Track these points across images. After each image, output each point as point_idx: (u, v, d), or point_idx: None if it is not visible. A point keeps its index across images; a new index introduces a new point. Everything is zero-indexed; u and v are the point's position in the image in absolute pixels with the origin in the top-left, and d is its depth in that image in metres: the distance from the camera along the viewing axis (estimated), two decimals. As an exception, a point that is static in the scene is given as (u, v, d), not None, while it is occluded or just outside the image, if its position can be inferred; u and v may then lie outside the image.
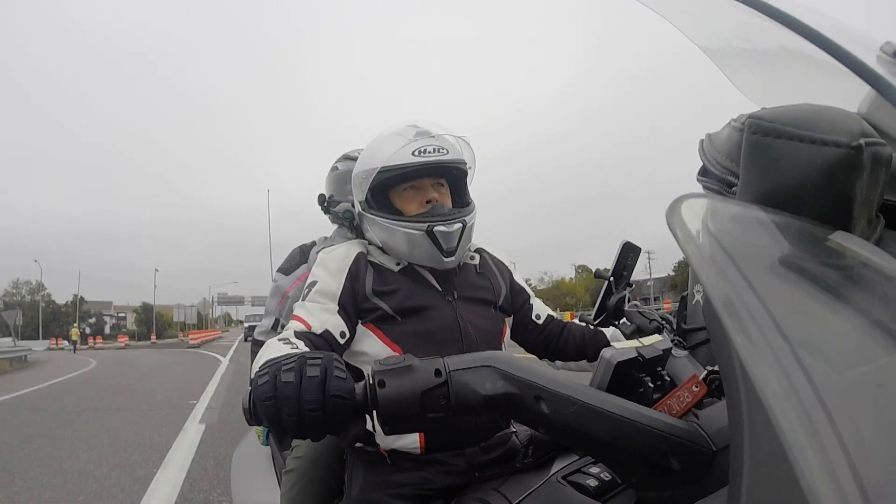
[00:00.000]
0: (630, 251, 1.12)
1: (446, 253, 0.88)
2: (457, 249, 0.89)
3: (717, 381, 0.49)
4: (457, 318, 0.88)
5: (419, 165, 0.88)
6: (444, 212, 0.91)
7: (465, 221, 0.90)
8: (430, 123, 0.93)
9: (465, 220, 0.90)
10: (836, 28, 0.40)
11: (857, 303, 0.31)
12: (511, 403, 0.47)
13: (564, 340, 1.02)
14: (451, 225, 0.88)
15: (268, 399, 0.49)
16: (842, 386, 0.26)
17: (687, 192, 0.33)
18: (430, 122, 0.94)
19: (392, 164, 0.88)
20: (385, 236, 0.91)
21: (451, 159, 0.90)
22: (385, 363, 0.48)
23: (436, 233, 0.87)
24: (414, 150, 0.88)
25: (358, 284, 0.88)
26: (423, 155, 0.88)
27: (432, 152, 0.88)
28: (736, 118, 0.51)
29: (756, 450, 0.30)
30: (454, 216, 0.90)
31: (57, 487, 3.13)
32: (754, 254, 0.35)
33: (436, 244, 0.87)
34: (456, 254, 0.89)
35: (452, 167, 0.92)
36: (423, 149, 0.88)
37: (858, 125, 0.38)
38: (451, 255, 0.89)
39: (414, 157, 0.88)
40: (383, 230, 0.91)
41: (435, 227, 0.87)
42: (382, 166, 0.88)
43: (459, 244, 0.89)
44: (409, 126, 0.92)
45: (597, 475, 0.66)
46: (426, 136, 0.90)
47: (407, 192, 0.92)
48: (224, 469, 3.21)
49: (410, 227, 0.88)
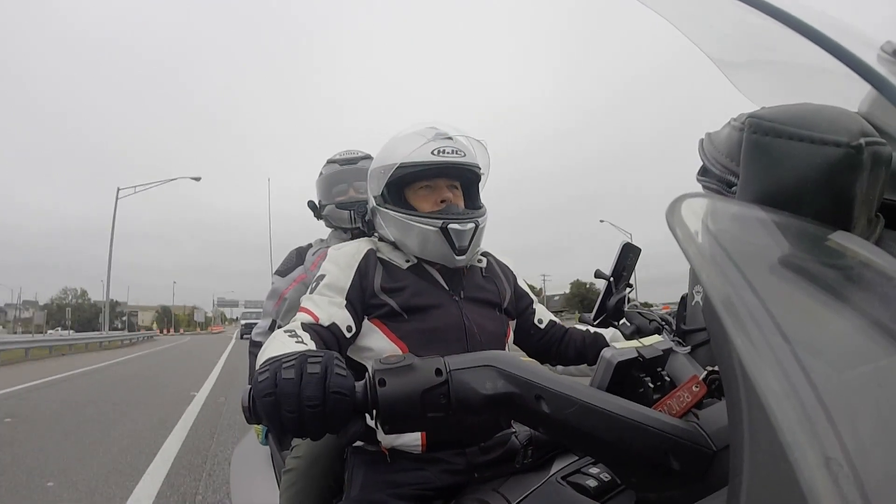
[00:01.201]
0: (630, 252, 1.12)
1: (458, 251, 0.90)
2: (468, 249, 0.91)
3: (716, 381, 0.49)
4: (462, 318, 0.89)
5: (437, 164, 0.90)
6: (459, 211, 0.93)
7: (478, 222, 0.92)
8: (449, 126, 0.96)
9: (478, 221, 0.92)
10: (836, 27, 0.40)
11: (857, 303, 0.31)
12: (511, 403, 0.47)
13: (566, 345, 1.03)
14: (465, 224, 0.90)
15: (268, 395, 0.49)
16: (842, 386, 0.26)
17: (687, 192, 0.33)
18: (449, 125, 0.96)
19: (411, 161, 0.90)
20: (399, 231, 0.93)
21: (467, 162, 0.93)
22: (385, 362, 0.48)
23: (450, 230, 0.89)
24: (433, 149, 0.90)
25: (367, 280, 0.89)
26: (441, 155, 0.90)
27: (451, 153, 0.91)
28: (736, 117, 0.51)
29: (756, 450, 0.30)
30: (468, 216, 0.92)
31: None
32: (754, 253, 0.35)
33: (448, 241, 0.89)
34: (467, 253, 0.91)
35: (467, 170, 0.95)
36: (442, 149, 0.91)
37: (858, 124, 0.38)
38: (463, 254, 0.91)
39: (433, 156, 0.90)
40: (398, 225, 0.92)
41: (449, 225, 0.89)
42: (402, 162, 0.90)
43: (471, 244, 0.91)
44: (428, 127, 0.95)
45: (596, 475, 0.66)
46: (444, 137, 0.93)
47: (422, 191, 0.94)
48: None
49: (425, 222, 0.90)
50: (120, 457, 3.43)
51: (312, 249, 1.61)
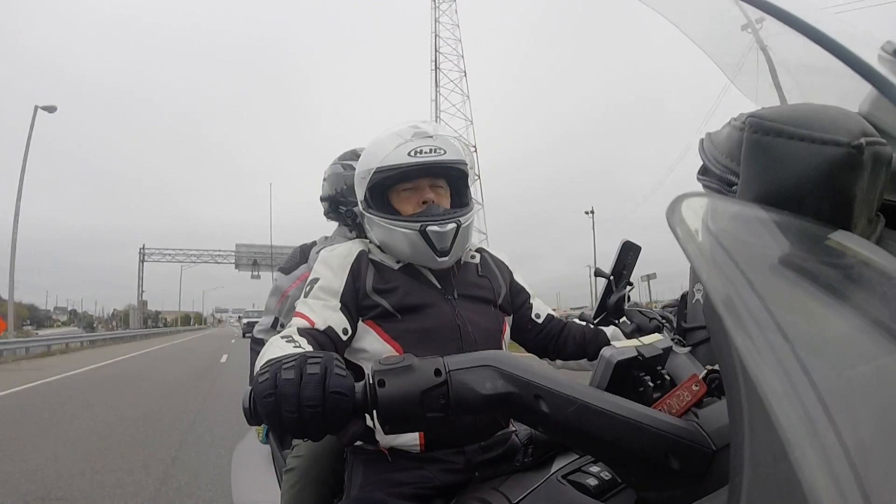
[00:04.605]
0: (630, 250, 1.12)
1: (440, 253, 0.88)
2: (451, 250, 0.89)
3: (717, 380, 0.49)
4: (455, 317, 0.88)
5: (414, 166, 0.88)
6: (439, 212, 0.90)
7: (459, 222, 0.90)
8: (429, 124, 0.93)
9: (459, 221, 0.90)
10: (836, 26, 0.40)
11: (857, 302, 0.31)
12: (511, 403, 0.47)
13: (564, 340, 1.02)
14: (445, 225, 0.88)
15: (268, 396, 0.49)
16: (842, 385, 0.26)
17: (687, 191, 0.33)
18: (430, 123, 0.94)
19: (387, 165, 0.88)
20: (384, 236, 0.92)
21: (448, 160, 0.90)
22: (385, 363, 0.48)
23: (429, 232, 0.87)
24: (410, 150, 0.88)
25: (359, 282, 0.89)
26: (419, 155, 0.88)
27: (429, 153, 0.88)
28: (736, 117, 0.51)
29: (756, 449, 0.30)
30: (448, 216, 0.89)
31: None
32: (755, 253, 0.35)
33: (429, 244, 0.88)
34: (450, 254, 0.89)
35: (451, 168, 0.92)
36: (420, 149, 0.88)
37: (859, 124, 0.38)
38: (445, 255, 0.89)
39: (409, 157, 0.88)
40: (382, 230, 0.91)
41: (428, 227, 0.87)
42: (378, 167, 0.89)
43: (454, 244, 0.89)
44: (409, 126, 0.92)
45: (597, 474, 0.66)
46: (423, 136, 0.90)
47: (404, 193, 0.92)
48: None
49: (405, 226, 0.88)
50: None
51: (317, 247, 1.60)
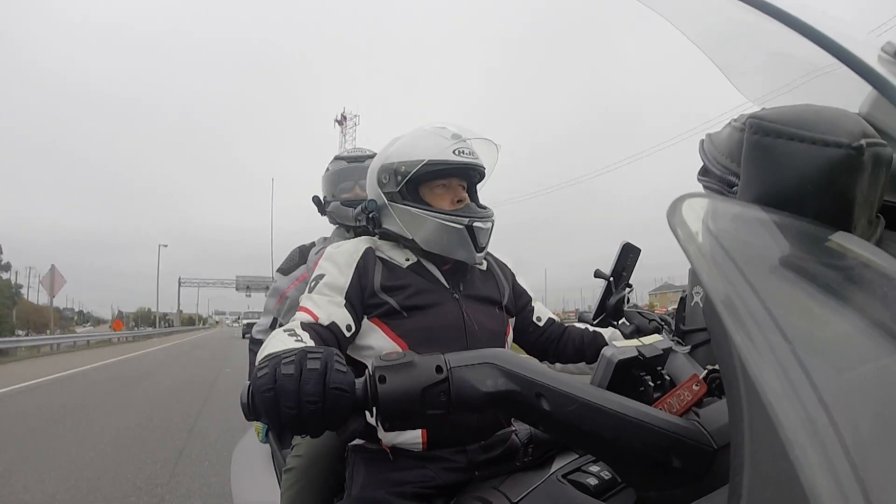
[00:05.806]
0: (630, 252, 1.12)
1: (479, 248, 0.93)
2: (486, 246, 0.95)
3: (717, 380, 0.49)
4: (462, 316, 0.89)
5: (460, 165, 0.93)
6: (479, 211, 0.96)
7: (493, 221, 0.96)
8: (460, 127, 0.98)
9: (493, 220, 0.96)
10: (836, 27, 0.40)
11: (857, 303, 0.31)
12: (512, 401, 0.47)
13: (564, 343, 1.04)
14: (486, 222, 0.94)
15: (267, 391, 0.48)
16: (842, 386, 0.26)
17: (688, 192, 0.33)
18: (460, 126, 0.98)
19: (437, 160, 0.92)
20: (415, 226, 0.93)
21: (479, 163, 0.96)
22: (386, 359, 0.48)
23: (474, 228, 0.92)
24: (455, 149, 0.92)
25: (366, 280, 0.89)
26: (462, 155, 0.93)
27: (467, 154, 0.94)
28: (736, 118, 0.51)
29: (757, 448, 0.30)
30: (487, 216, 0.95)
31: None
32: (755, 254, 0.35)
33: (472, 239, 0.92)
34: (484, 250, 0.95)
35: (476, 171, 0.97)
36: (462, 150, 0.93)
37: (859, 126, 0.38)
38: (481, 251, 0.94)
39: (454, 156, 0.92)
40: (415, 220, 0.93)
41: (474, 223, 0.92)
42: (430, 159, 0.92)
43: (487, 242, 0.95)
44: (441, 127, 0.97)
45: (597, 474, 0.67)
46: (458, 138, 0.95)
47: (438, 189, 0.95)
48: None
49: (451, 220, 0.92)
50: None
51: (315, 248, 1.60)
